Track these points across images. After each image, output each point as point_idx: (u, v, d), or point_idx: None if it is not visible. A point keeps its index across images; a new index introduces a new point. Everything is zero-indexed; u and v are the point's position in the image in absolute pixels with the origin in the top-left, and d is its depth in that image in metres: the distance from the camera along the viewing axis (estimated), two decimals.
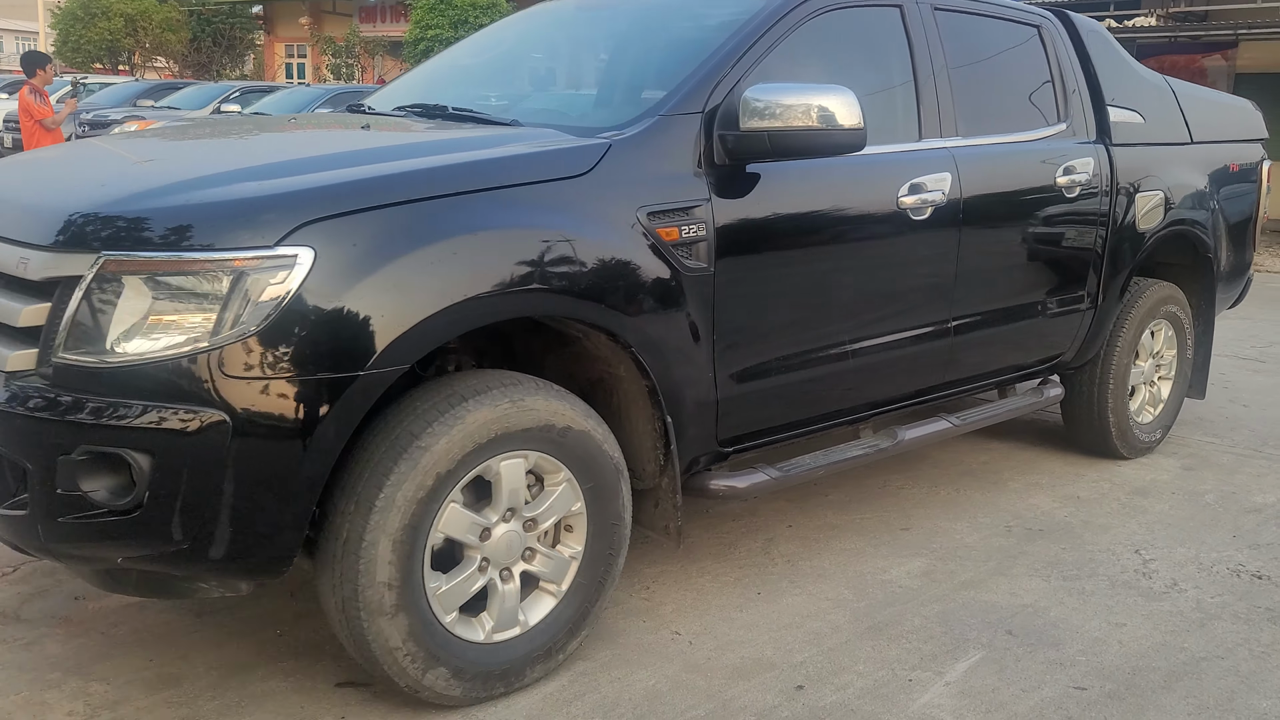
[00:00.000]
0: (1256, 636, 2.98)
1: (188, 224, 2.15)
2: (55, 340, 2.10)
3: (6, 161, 3.04)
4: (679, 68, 2.96)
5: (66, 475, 2.07)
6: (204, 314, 2.08)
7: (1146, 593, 3.24)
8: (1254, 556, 3.53)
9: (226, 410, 2.07)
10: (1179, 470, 4.39)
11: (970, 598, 3.17)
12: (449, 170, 2.44)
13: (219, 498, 2.12)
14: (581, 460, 2.55)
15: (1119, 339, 4.24)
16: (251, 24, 33.85)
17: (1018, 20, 3.93)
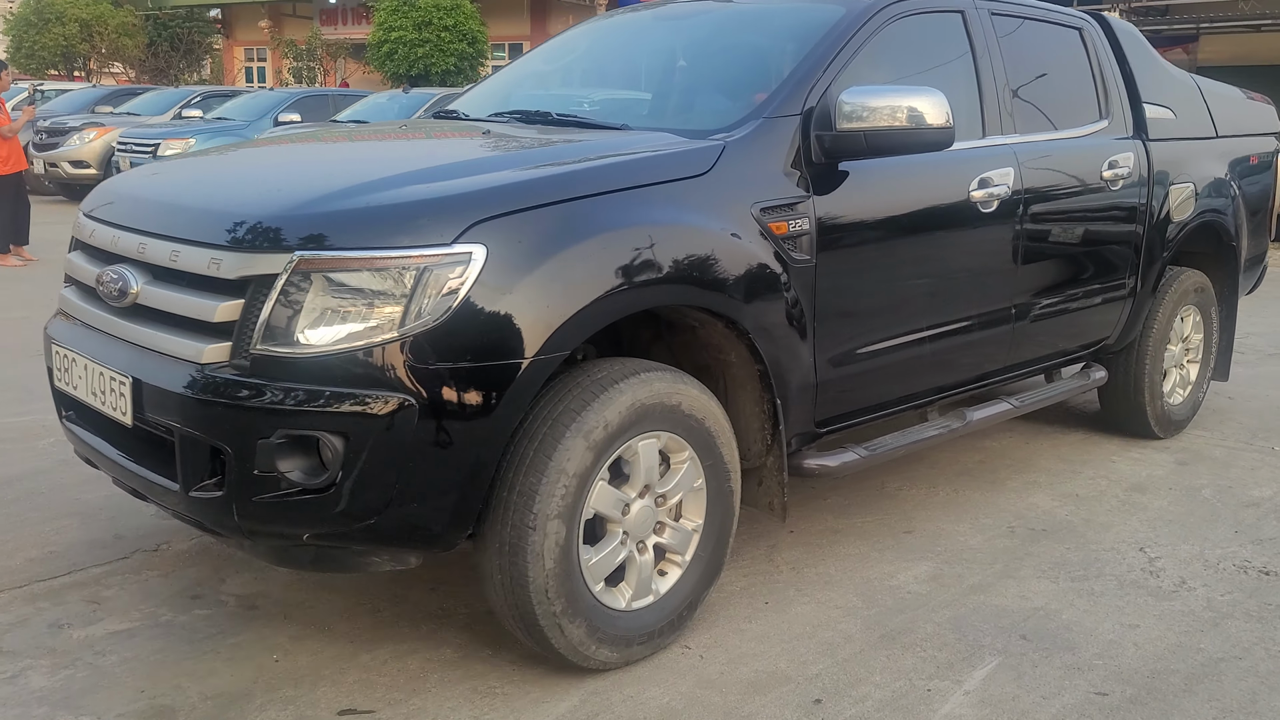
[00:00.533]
0: (1272, 635, 2.95)
1: (373, 224, 2.34)
2: (252, 334, 2.27)
3: (160, 168, 3.19)
4: (773, 72, 3.20)
5: (265, 457, 2.25)
6: (391, 307, 2.26)
7: (1156, 592, 3.20)
8: (1259, 552, 3.51)
9: (413, 395, 2.26)
10: (1174, 465, 4.38)
11: (981, 602, 3.12)
12: (597, 171, 2.66)
13: (404, 476, 2.30)
14: (703, 440, 2.73)
15: (1154, 324, 4.44)
16: (209, 28, 33.39)
17: (1062, 23, 4.16)
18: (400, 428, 2.26)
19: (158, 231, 2.55)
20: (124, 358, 2.51)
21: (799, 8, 3.57)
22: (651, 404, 2.58)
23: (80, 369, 2.66)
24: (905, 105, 2.91)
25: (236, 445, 2.27)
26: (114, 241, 2.67)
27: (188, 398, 2.31)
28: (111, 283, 2.56)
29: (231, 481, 2.29)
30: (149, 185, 2.96)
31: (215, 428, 2.30)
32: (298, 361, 2.26)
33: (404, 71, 21.57)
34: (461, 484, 2.36)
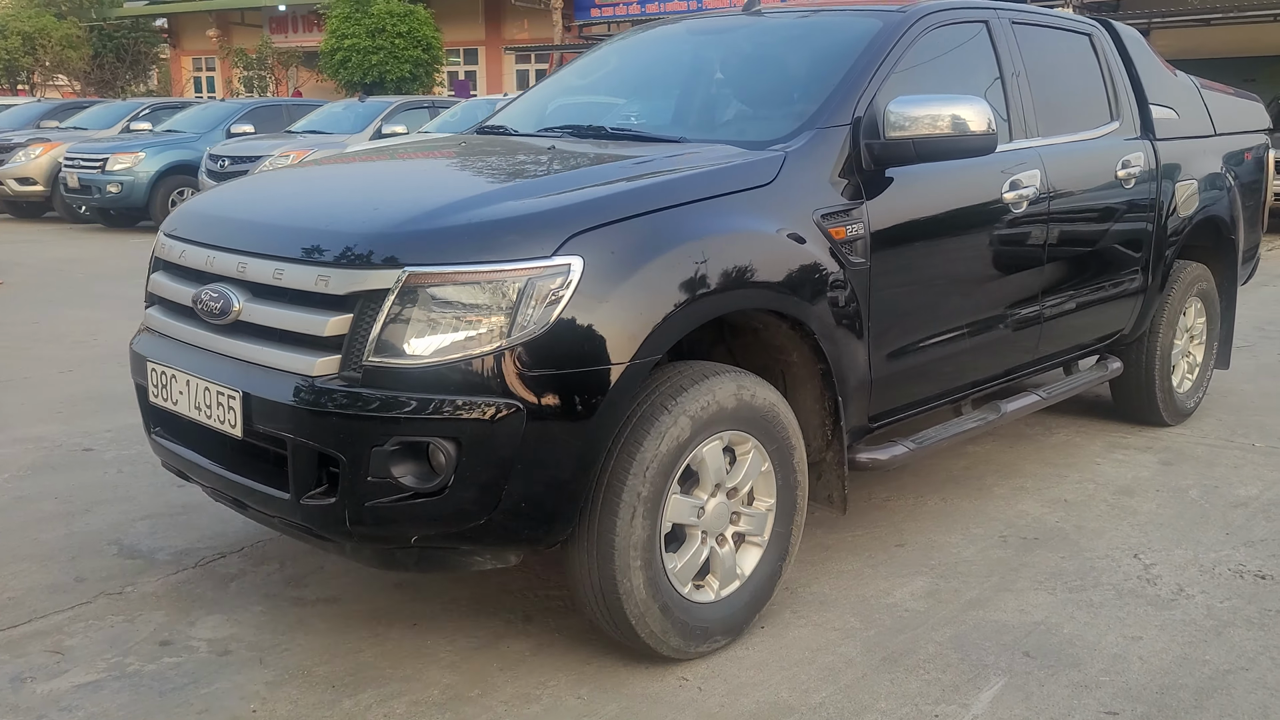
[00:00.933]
0: (1275, 643, 2.90)
1: (476, 240, 2.45)
2: (363, 346, 2.38)
3: (242, 188, 3.28)
4: (821, 84, 3.31)
5: (379, 464, 2.36)
6: (497, 318, 2.38)
7: (1155, 601, 3.15)
8: (1252, 555, 3.47)
9: (521, 401, 2.37)
10: (1158, 466, 4.35)
11: (980, 618, 3.05)
12: (677, 183, 2.79)
13: (513, 478, 2.40)
14: (766, 430, 2.84)
15: (1164, 316, 4.61)
16: (155, 38, 32.82)
17: (1072, 29, 4.32)
18: (509, 432, 2.37)
19: (258, 251, 2.64)
20: (230, 373, 2.61)
21: (836, 22, 3.74)
22: (722, 404, 2.69)
23: (181, 385, 2.75)
24: (950, 113, 3.05)
25: (351, 453, 2.38)
26: (209, 261, 2.76)
27: (302, 409, 2.42)
28: (212, 301, 2.66)
29: (345, 488, 2.40)
30: (239, 206, 3.05)
31: (330, 437, 2.40)
32: (410, 372, 2.37)
33: (358, 79, 21.29)
34: (566, 484, 2.47)
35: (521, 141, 3.64)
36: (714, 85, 3.88)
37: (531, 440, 2.39)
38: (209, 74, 33.68)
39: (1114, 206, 4.19)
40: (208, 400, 2.65)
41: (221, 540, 3.58)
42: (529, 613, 3.09)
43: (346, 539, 2.54)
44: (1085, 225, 4.06)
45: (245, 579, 3.30)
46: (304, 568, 3.37)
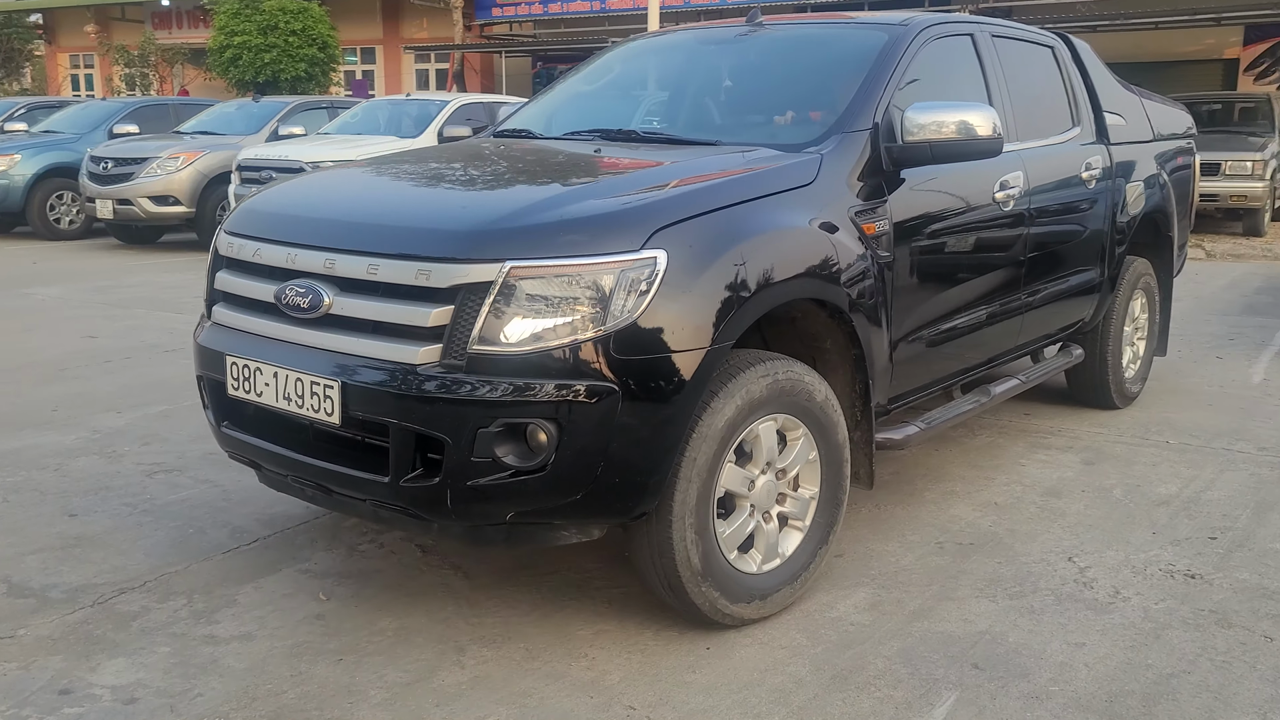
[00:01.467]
0: (1212, 644, 2.93)
1: (569, 235, 2.62)
2: (468, 335, 2.54)
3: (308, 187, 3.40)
4: (840, 91, 3.55)
5: (484, 445, 2.52)
6: (592, 307, 2.55)
7: (1093, 605, 3.15)
8: (1180, 554, 3.51)
9: (615, 383, 2.55)
10: (1081, 466, 4.40)
11: (926, 629, 3.00)
12: (739, 182, 3.00)
13: (608, 455, 2.58)
14: (815, 418, 3.03)
15: (1116, 306, 4.97)
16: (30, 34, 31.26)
17: (1039, 42, 4.65)
18: (605, 413, 2.55)
19: (348, 248, 2.77)
20: (325, 364, 2.71)
21: (842, 34, 4.05)
22: (773, 388, 2.88)
23: (267, 377, 2.84)
24: (962, 119, 3.31)
25: (457, 435, 2.52)
26: (291, 259, 2.87)
27: (409, 395, 2.56)
28: (299, 296, 2.78)
29: (449, 469, 2.55)
30: (314, 205, 3.17)
31: (437, 420, 2.54)
32: (512, 358, 2.53)
33: (250, 78, 20.56)
34: (654, 460, 2.65)
35: (560, 145, 3.83)
36: (733, 91, 4.07)
37: (625, 420, 2.58)
38: (87, 71, 32.24)
39: (1080, 205, 4.53)
40: (299, 391, 2.76)
41: (121, 574, 3.33)
42: (460, 643, 2.93)
43: (445, 518, 2.67)
44: (1058, 222, 4.38)
45: (149, 616, 3.06)
46: (214, 601, 3.15)
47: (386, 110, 12.31)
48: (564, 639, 2.94)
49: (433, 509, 2.64)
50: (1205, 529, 3.72)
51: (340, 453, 2.80)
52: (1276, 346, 6.78)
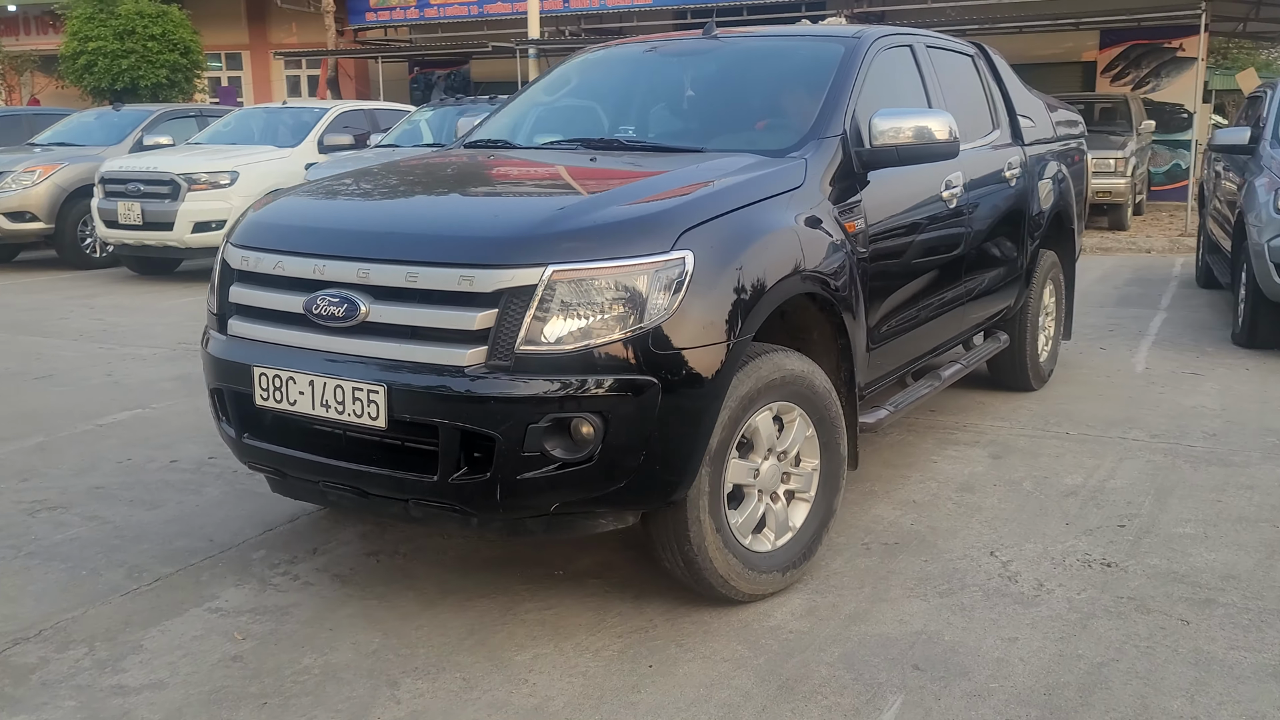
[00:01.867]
0: (1135, 631, 3.01)
1: (605, 238, 2.78)
2: (514, 337, 2.66)
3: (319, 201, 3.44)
4: (809, 100, 3.76)
5: (534, 439, 2.65)
6: (630, 306, 2.71)
7: (1020, 599, 3.21)
8: (1094, 544, 3.62)
9: (655, 376, 2.71)
10: (989, 460, 4.50)
11: (864, 633, 3.01)
12: (745, 186, 3.18)
13: (649, 444, 2.73)
14: (809, 399, 3.21)
15: (1032, 294, 5.32)
16: None
17: (961, 51, 4.98)
18: (647, 404, 2.71)
19: (384, 257, 2.85)
20: (366, 370, 2.79)
21: (800, 46, 4.25)
22: (775, 375, 3.05)
23: (302, 385, 2.88)
24: (924, 124, 3.55)
25: (508, 432, 2.64)
26: (319, 270, 2.94)
27: (458, 396, 2.67)
28: (333, 306, 2.85)
29: (499, 464, 2.67)
30: (337, 217, 3.27)
31: (488, 418, 2.65)
32: (558, 357, 2.67)
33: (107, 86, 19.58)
34: (690, 446, 2.82)
35: (551, 154, 3.95)
36: (704, 100, 4.23)
37: (664, 410, 2.73)
38: None
39: (1005, 202, 4.87)
40: (339, 397, 2.81)
41: (12, 624, 3.08)
42: (393, 676, 2.81)
43: (492, 511, 2.81)
44: (990, 218, 4.71)
45: (49, 668, 2.83)
46: (119, 648, 2.94)
47: (261, 118, 11.88)
48: (501, 666, 2.85)
49: (482, 503, 2.76)
50: (1113, 517, 3.84)
51: (379, 455, 2.88)
52: (1153, 336, 7.10)
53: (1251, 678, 2.75)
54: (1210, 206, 8.76)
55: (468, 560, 3.53)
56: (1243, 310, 6.69)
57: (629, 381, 2.69)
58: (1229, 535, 3.66)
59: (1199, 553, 3.52)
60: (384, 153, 10.04)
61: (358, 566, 3.50)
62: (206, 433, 5.02)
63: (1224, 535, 3.66)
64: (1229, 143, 7.34)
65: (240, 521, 3.90)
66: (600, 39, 18.92)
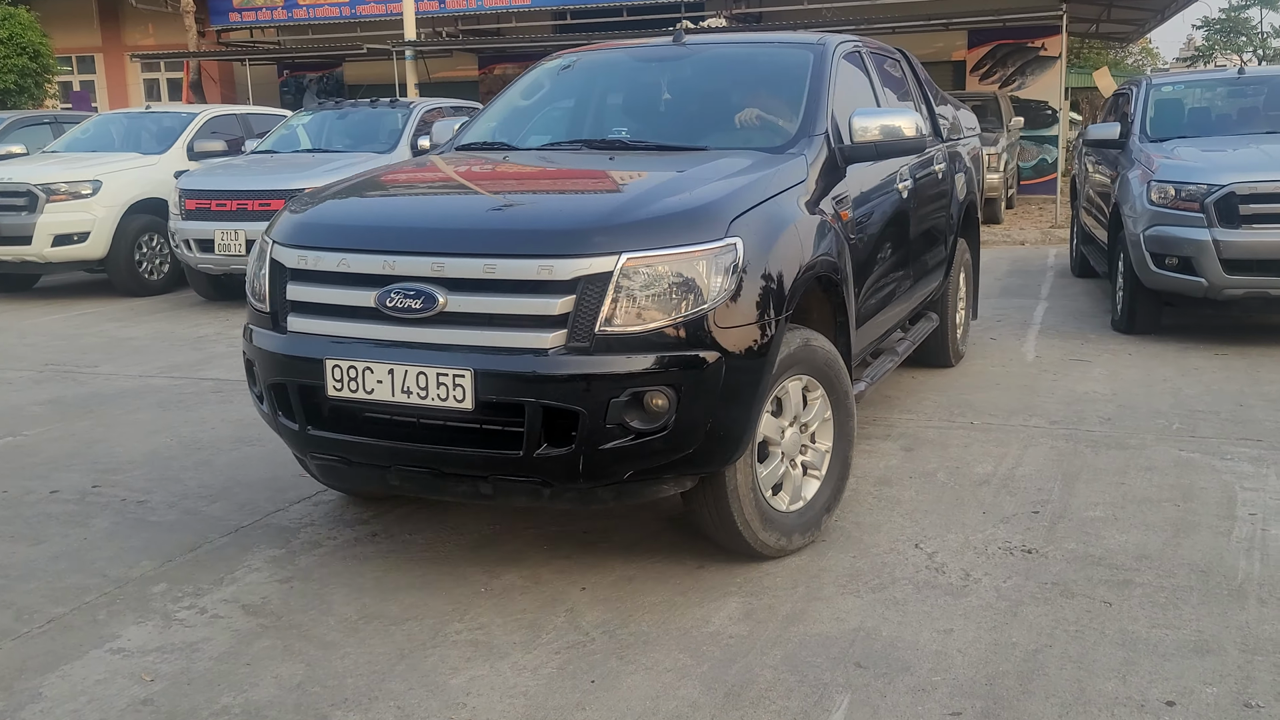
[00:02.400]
0: (1063, 615, 3.07)
1: (668, 228, 3.04)
2: (594, 319, 2.89)
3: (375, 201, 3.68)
4: (792, 101, 4.10)
5: (615, 413, 2.89)
6: (694, 288, 2.97)
7: (950, 590, 3.25)
8: (1012, 531, 3.69)
9: (719, 351, 2.98)
10: (901, 453, 4.56)
11: (803, 633, 2.99)
12: (768, 179, 3.48)
13: (715, 413, 2.99)
14: (829, 379, 3.53)
15: (952, 278, 5.78)
16: None
17: (889, 55, 5.32)
18: (713, 376, 2.98)
19: (459, 252, 3.04)
20: (449, 357, 2.96)
21: (771, 51, 4.67)
22: (801, 351, 3.36)
23: (380, 375, 3.03)
24: (895, 122, 3.91)
25: (592, 407, 2.87)
26: (389, 266, 3.09)
27: (544, 376, 2.88)
28: (410, 299, 3.01)
29: (583, 437, 2.90)
30: (406, 215, 3.53)
31: (574, 395, 2.87)
32: (635, 336, 2.92)
33: None
34: (747, 412, 3.10)
35: (566, 154, 4.18)
36: (690, 102, 4.50)
37: (726, 381, 3.00)
38: None
39: (938, 193, 5.29)
40: (421, 384, 2.97)
41: None
42: (322, 711, 2.66)
43: (574, 481, 3.02)
44: (928, 207, 5.12)
45: None
46: (15, 698, 2.71)
47: (123, 124, 11.28)
48: (436, 691, 2.72)
49: (564, 475, 2.98)
50: (1027, 504, 3.93)
51: (455, 437, 3.04)
52: (1038, 325, 7.36)
53: (1175, 654, 2.83)
54: (1082, 199, 9.14)
55: (386, 582, 3.38)
56: (1121, 298, 6.99)
57: (697, 356, 2.95)
58: (1136, 516, 3.79)
59: (1111, 535, 3.63)
60: (260, 159, 9.66)
61: (269, 595, 3.31)
62: (88, 460, 4.72)
63: (1132, 517, 3.79)
64: (1101, 137, 7.65)
65: (135, 553, 3.65)
66: (478, 41, 18.68)
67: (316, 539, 3.75)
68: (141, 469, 4.58)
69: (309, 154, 9.70)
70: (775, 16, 15.63)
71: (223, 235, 8.50)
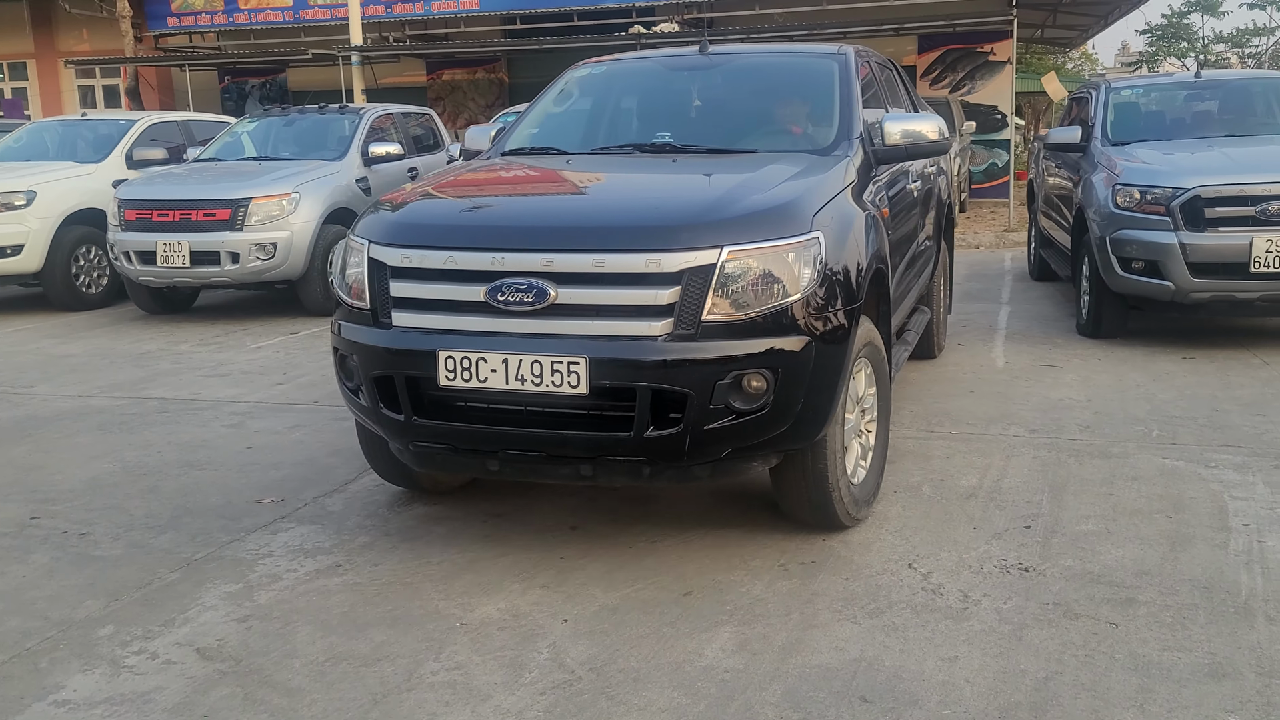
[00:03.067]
0: (1069, 639, 2.94)
1: (761, 223, 3.26)
2: (699, 308, 3.10)
3: (471, 201, 3.87)
4: (826, 108, 4.38)
5: (720, 394, 3.11)
6: (788, 277, 3.20)
7: (950, 614, 3.11)
8: (1006, 548, 3.56)
9: (811, 335, 3.20)
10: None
11: (802, 665, 2.83)
12: (827, 179, 3.70)
13: (807, 392, 3.20)
14: (877, 363, 3.79)
15: (938, 275, 6.12)
16: None
17: (886, 64, 5.57)
18: (806, 358, 3.20)
19: (567, 248, 3.22)
20: (562, 345, 3.13)
21: (797, 61, 4.94)
22: (868, 338, 3.65)
23: (494, 364, 3.18)
24: (923, 126, 4.22)
25: (699, 389, 3.07)
26: (498, 262, 3.25)
27: (655, 362, 3.07)
28: (522, 293, 3.18)
29: (690, 418, 3.09)
30: (507, 215, 3.70)
31: (682, 379, 3.07)
32: (737, 323, 3.13)
33: None
34: (833, 391, 3.33)
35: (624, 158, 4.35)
36: (728, 110, 4.69)
37: (816, 363, 3.23)
38: None
39: (931, 194, 5.67)
40: (536, 372, 3.14)
41: None
42: None
43: (679, 460, 3.23)
44: (928, 206, 5.51)
45: None
46: None
47: (57, 132, 10.85)
48: None
49: (670, 454, 3.19)
50: (1017, 519, 3.81)
51: (567, 421, 3.22)
52: (1004, 330, 7.30)
53: (1191, 680, 2.72)
54: (1040, 202, 9.13)
55: (354, 618, 3.17)
56: (1087, 302, 6.95)
57: (791, 341, 3.18)
58: (1130, 529, 3.69)
59: (1107, 550, 3.52)
60: (203, 167, 9.33)
61: (226, 636, 3.08)
62: (25, 489, 4.43)
63: (1125, 530, 3.68)
64: (1062, 141, 7.63)
65: (78, 591, 3.39)
66: (426, 46, 18.38)
67: (275, 572, 3.52)
68: (83, 498, 4.29)
69: (255, 162, 9.38)
70: (727, 22, 15.56)
71: (165, 247, 8.17)
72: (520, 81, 18.93)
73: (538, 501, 4.08)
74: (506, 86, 19.20)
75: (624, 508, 3.99)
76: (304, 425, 5.30)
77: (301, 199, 8.41)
